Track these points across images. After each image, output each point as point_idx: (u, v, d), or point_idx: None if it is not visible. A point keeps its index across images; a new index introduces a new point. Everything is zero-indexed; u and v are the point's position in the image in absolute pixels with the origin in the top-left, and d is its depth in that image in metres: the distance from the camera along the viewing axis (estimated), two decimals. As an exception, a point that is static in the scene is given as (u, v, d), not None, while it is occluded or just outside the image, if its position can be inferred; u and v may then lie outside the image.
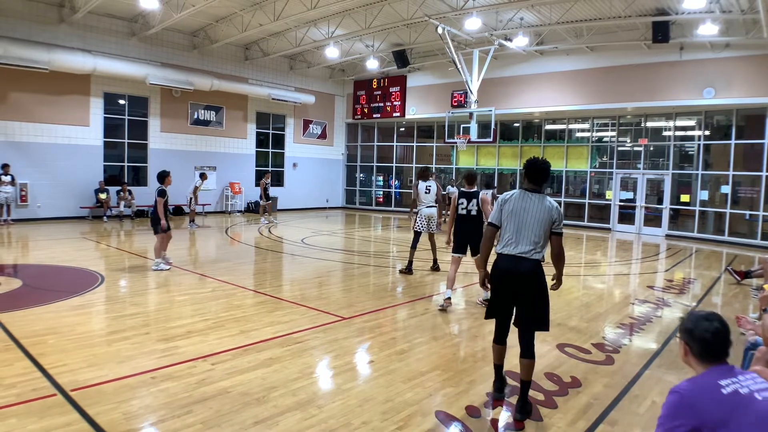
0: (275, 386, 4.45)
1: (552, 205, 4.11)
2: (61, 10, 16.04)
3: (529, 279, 4.03)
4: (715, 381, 2.13)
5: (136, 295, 7.80)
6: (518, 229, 4.09)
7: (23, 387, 4.23)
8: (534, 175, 4.21)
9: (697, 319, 2.31)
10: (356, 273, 10.00)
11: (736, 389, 2.10)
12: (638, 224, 18.73)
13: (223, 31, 18.44)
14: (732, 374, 2.16)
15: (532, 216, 4.07)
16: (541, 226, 4.05)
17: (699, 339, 2.26)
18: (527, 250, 4.04)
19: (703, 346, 2.25)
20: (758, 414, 2.03)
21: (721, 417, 2.04)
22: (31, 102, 16.02)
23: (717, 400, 2.07)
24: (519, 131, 21.71)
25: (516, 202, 4.15)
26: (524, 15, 16.03)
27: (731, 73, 15.57)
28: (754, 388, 2.10)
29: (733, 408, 2.05)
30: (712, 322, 2.27)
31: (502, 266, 4.13)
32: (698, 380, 2.19)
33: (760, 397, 2.08)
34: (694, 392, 2.14)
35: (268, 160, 23.49)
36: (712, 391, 2.11)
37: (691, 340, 2.29)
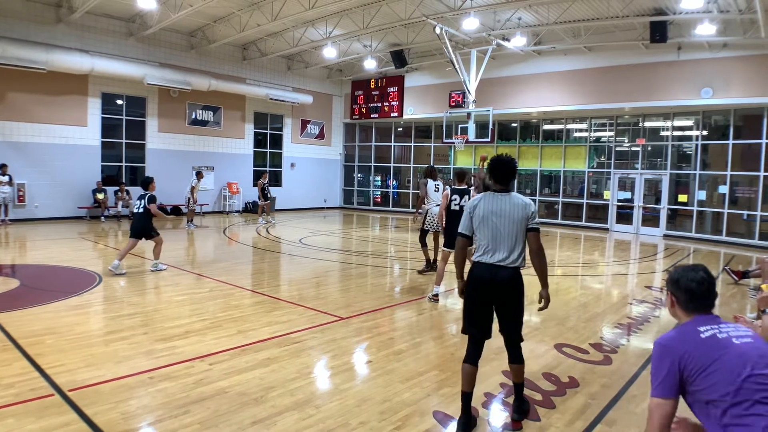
0: (273, 386, 4.45)
1: (524, 201, 3.88)
2: (59, 10, 16.02)
3: (507, 287, 3.83)
4: (695, 327, 2.21)
5: (134, 296, 7.79)
6: (493, 236, 3.84)
7: (21, 387, 4.23)
8: (501, 175, 3.93)
9: (683, 270, 2.38)
10: (354, 273, 10.00)
11: (714, 334, 2.16)
12: (636, 224, 18.76)
13: (221, 32, 18.42)
14: (714, 322, 2.24)
15: (505, 218, 3.82)
16: (516, 227, 3.82)
17: (684, 289, 2.32)
18: (505, 257, 3.82)
19: (689, 296, 2.31)
20: (736, 353, 2.07)
21: (700, 360, 2.10)
22: (29, 102, 15.99)
23: (695, 343, 2.15)
24: (517, 131, 21.74)
25: (485, 206, 3.89)
26: (522, 15, 16.04)
27: (729, 73, 15.59)
28: (733, 334, 2.15)
29: (711, 349, 2.11)
30: (697, 272, 2.34)
31: (479, 276, 3.89)
32: (679, 329, 2.25)
33: (738, 341, 2.12)
34: (675, 339, 2.22)
35: (266, 160, 23.48)
36: (691, 335, 2.18)
37: (677, 290, 2.36)
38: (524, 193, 21.51)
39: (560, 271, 10.99)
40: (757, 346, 2.13)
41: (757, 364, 2.05)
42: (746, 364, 2.04)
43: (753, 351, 2.09)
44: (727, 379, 2.04)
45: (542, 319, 6.95)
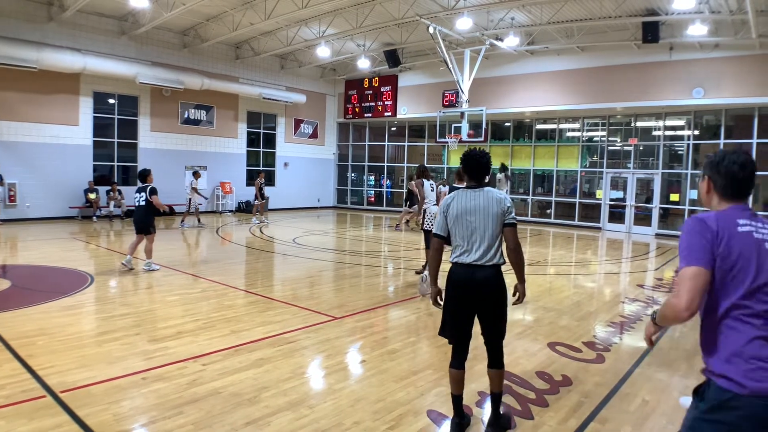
0: (267, 386, 4.44)
1: (498, 195, 3.70)
2: (50, 9, 15.91)
3: (488, 288, 3.65)
4: (734, 218, 2.07)
5: (126, 296, 7.75)
6: (469, 234, 3.67)
7: (12, 389, 4.20)
8: (473, 170, 3.77)
9: (725, 153, 2.22)
10: (348, 273, 9.99)
11: (751, 231, 2.04)
12: (628, 223, 18.84)
13: (214, 30, 18.36)
14: (752, 218, 2.10)
15: (480, 215, 3.64)
16: (493, 223, 3.63)
17: (725, 172, 2.17)
18: (482, 256, 3.63)
19: (729, 179, 2.16)
20: (763, 258, 2.00)
21: (729, 250, 2.00)
22: (20, 101, 15.88)
23: (731, 232, 2.03)
24: (510, 131, 21.78)
25: (459, 204, 3.72)
26: (515, 15, 16.08)
27: (720, 74, 15.70)
28: None
29: (742, 245, 2.01)
30: (740, 155, 2.19)
31: (456, 277, 3.73)
32: (717, 213, 2.12)
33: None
34: (714, 218, 2.08)
35: (259, 159, 23.42)
36: (730, 222, 2.05)
37: (716, 174, 2.21)
38: (517, 192, 21.58)
39: (553, 270, 11.02)
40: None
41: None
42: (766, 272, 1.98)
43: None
44: (742, 281, 1.98)
45: (535, 317, 6.97)
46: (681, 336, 6.47)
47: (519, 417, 4.04)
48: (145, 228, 9.44)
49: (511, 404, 4.26)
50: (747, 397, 1.87)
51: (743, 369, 1.90)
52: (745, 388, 1.88)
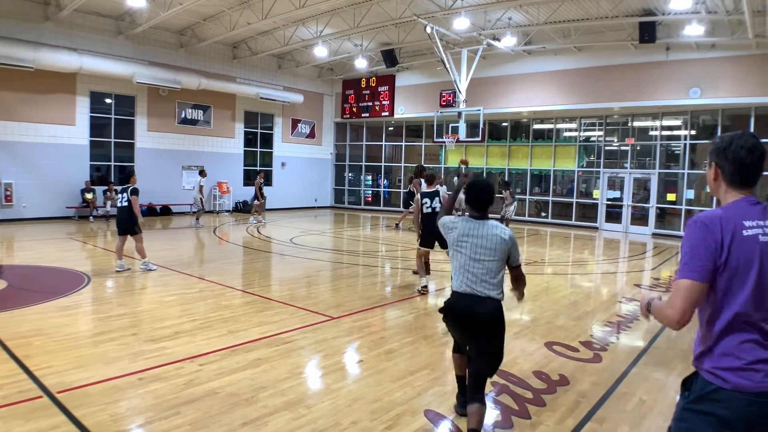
0: (264, 386, 4.43)
1: (502, 234, 3.56)
2: (47, 8, 15.86)
3: (487, 322, 3.52)
4: (741, 218, 1.99)
5: (123, 296, 7.74)
6: (469, 265, 3.56)
7: (9, 389, 4.19)
8: (478, 202, 3.68)
9: (731, 138, 2.09)
10: (345, 273, 9.99)
11: (756, 234, 1.97)
12: (625, 223, 18.87)
13: (211, 30, 18.33)
14: (762, 213, 2.02)
15: (481, 249, 3.54)
16: (493, 258, 3.53)
17: (733, 158, 2.06)
18: (485, 289, 3.52)
19: (738, 165, 2.05)
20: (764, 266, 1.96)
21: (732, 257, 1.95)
22: (16, 101, 15.83)
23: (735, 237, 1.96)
24: (507, 131, 21.81)
25: (462, 231, 3.62)
26: (512, 15, 16.09)
27: (717, 74, 15.73)
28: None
29: (746, 252, 1.95)
30: (747, 139, 2.06)
31: (456, 307, 3.62)
32: (725, 212, 2.04)
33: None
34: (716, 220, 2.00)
35: (257, 159, 23.40)
36: (735, 225, 1.97)
37: (723, 160, 2.09)
38: (515, 192, 21.61)
39: (550, 269, 11.04)
40: None
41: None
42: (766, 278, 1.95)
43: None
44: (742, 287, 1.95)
45: (532, 317, 6.98)
46: (678, 336, 6.48)
47: (516, 417, 4.05)
48: (130, 229, 9.36)
49: (508, 404, 4.27)
50: (729, 392, 1.91)
51: (730, 366, 1.93)
52: (727, 382, 1.92)
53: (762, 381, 1.90)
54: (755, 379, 1.90)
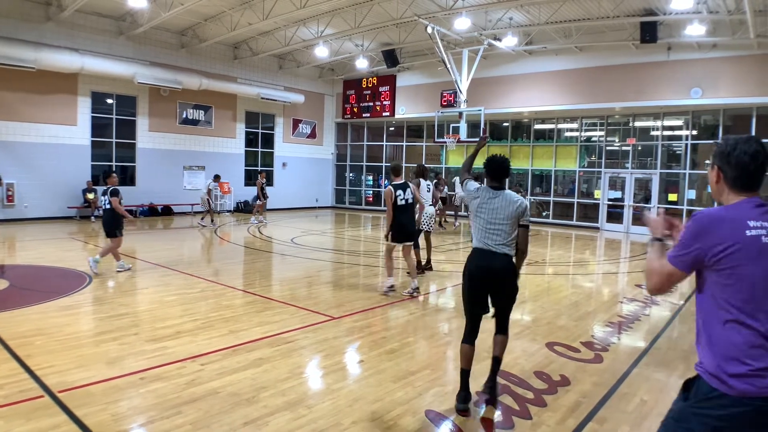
0: (265, 386, 4.44)
1: (515, 198, 4.27)
2: (48, 9, 15.89)
3: (502, 273, 4.19)
4: (745, 219, 1.99)
5: (125, 296, 7.75)
6: (487, 227, 4.23)
7: (10, 389, 4.20)
8: (495, 172, 4.37)
9: (735, 142, 2.09)
10: (346, 273, 9.99)
11: (760, 235, 1.96)
12: (626, 223, 18.86)
13: (212, 30, 18.35)
14: (764, 216, 2.01)
15: (498, 213, 4.21)
16: (508, 221, 4.20)
17: (736, 163, 2.06)
18: (497, 246, 4.18)
19: (740, 171, 2.06)
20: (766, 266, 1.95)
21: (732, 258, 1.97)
22: (18, 101, 15.85)
23: (734, 238, 1.97)
24: (508, 131, 21.81)
25: (482, 199, 4.31)
26: (513, 15, 16.09)
27: (718, 74, 15.72)
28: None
29: (747, 253, 1.96)
30: (751, 144, 2.06)
31: (476, 263, 4.26)
32: (728, 209, 2.06)
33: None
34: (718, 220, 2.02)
35: (258, 159, 23.42)
36: (735, 226, 1.98)
37: (726, 165, 2.09)
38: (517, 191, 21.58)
39: (551, 270, 11.03)
40: None
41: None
42: None
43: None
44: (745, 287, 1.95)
45: (533, 317, 6.97)
46: (679, 336, 6.49)
47: (517, 417, 4.04)
48: (111, 231, 9.22)
49: (509, 404, 4.27)
50: (734, 398, 1.90)
51: (735, 372, 1.91)
52: (733, 389, 1.91)
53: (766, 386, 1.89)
54: (760, 384, 1.89)
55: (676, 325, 7.00)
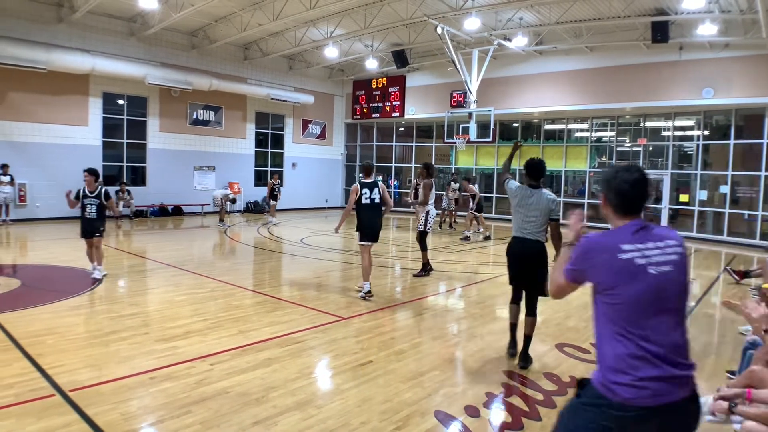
0: (274, 386, 4.44)
1: (549, 195, 5.18)
2: (60, 10, 16.02)
3: (536, 257, 5.16)
4: (619, 244, 2.16)
5: (135, 296, 7.79)
6: (525, 219, 5.19)
7: (22, 387, 4.23)
8: (532, 173, 5.25)
9: (617, 170, 2.29)
10: (355, 273, 9.98)
11: (633, 258, 2.13)
12: (637, 224, 18.69)
13: (222, 31, 18.43)
14: (641, 238, 2.18)
15: (534, 208, 5.14)
16: (542, 215, 5.13)
17: (616, 189, 2.26)
18: (532, 234, 5.16)
19: (620, 197, 2.25)
20: (643, 285, 2.11)
21: (609, 280, 2.15)
22: (30, 102, 15.99)
23: (610, 263, 2.15)
24: (518, 131, 21.72)
25: (522, 195, 5.23)
26: (523, 15, 16.03)
27: (730, 73, 15.57)
28: (654, 260, 2.14)
29: (621, 275, 2.13)
30: (632, 173, 2.25)
31: (514, 247, 5.32)
32: (607, 235, 2.23)
33: (655, 271, 2.13)
34: (599, 247, 2.21)
35: (268, 160, 23.49)
36: (610, 251, 2.16)
37: (608, 191, 2.29)
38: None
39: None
40: (671, 279, 2.16)
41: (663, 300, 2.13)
42: (648, 295, 2.11)
43: (663, 283, 2.13)
44: (626, 304, 2.12)
45: (543, 319, 6.93)
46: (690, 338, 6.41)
47: (527, 418, 4.02)
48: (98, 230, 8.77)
49: (518, 405, 4.25)
50: (617, 403, 2.06)
51: (619, 381, 2.07)
52: (616, 395, 2.06)
53: (648, 397, 2.03)
54: (642, 395, 2.03)
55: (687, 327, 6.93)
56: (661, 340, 2.10)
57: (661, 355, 2.08)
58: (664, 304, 2.14)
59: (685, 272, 2.22)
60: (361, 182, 8.17)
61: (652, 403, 2.03)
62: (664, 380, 2.06)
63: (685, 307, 2.24)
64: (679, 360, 2.12)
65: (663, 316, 2.13)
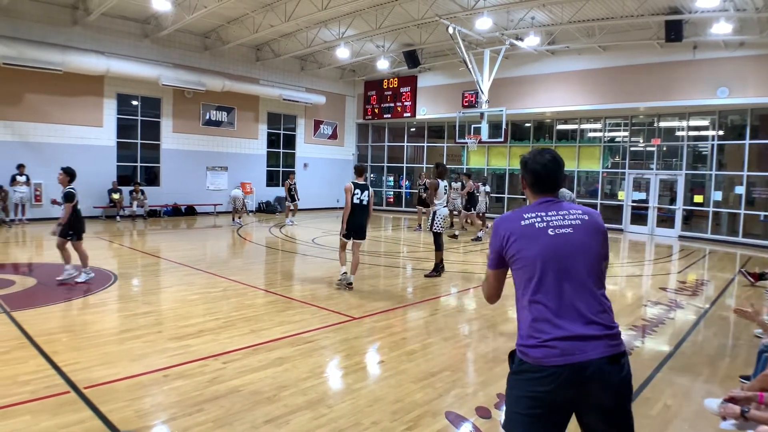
0: (286, 385, 4.46)
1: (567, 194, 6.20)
2: (75, 12, 16.20)
3: None
4: (522, 213, 2.36)
5: (149, 294, 7.86)
6: None
7: (37, 384, 4.28)
8: None
9: (532, 154, 2.51)
10: (366, 273, 10.00)
11: (533, 222, 2.32)
12: (651, 225, 18.59)
13: (235, 33, 18.53)
14: (545, 209, 2.36)
15: None
16: None
17: (531, 170, 2.46)
18: None
19: (534, 177, 2.45)
20: (540, 246, 2.26)
21: (514, 244, 2.30)
22: (46, 103, 16.19)
23: (514, 228, 2.33)
24: (530, 131, 21.61)
25: None
26: (535, 14, 15.96)
27: (746, 73, 15.39)
28: (554, 224, 2.30)
29: (521, 237, 2.30)
30: (544, 156, 2.47)
31: None
32: (514, 211, 2.42)
33: (552, 232, 2.28)
34: (504, 221, 2.40)
35: (279, 160, 23.58)
36: (514, 220, 2.35)
37: (525, 172, 2.49)
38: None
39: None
40: (571, 241, 2.27)
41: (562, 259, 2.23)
42: (547, 256, 2.24)
43: (562, 244, 2.26)
44: (528, 267, 2.26)
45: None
46: (704, 340, 6.38)
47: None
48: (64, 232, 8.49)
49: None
50: (533, 365, 2.18)
51: (529, 344, 2.20)
52: (529, 357, 2.20)
53: (557, 356, 2.13)
54: (550, 354, 2.14)
55: (702, 329, 6.88)
56: (565, 303, 2.19)
57: (565, 316, 2.17)
58: (565, 264, 2.23)
59: (589, 235, 2.31)
60: (353, 183, 8.47)
61: (562, 362, 2.11)
62: (570, 339, 2.13)
63: (594, 269, 2.29)
64: (590, 319, 2.18)
65: (566, 278, 2.22)
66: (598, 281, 2.30)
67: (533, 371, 2.17)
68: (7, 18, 14.99)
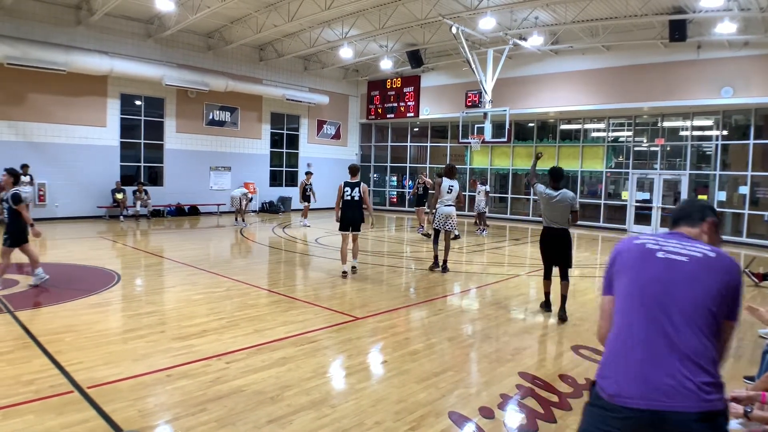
0: (289, 385, 4.46)
1: (569, 194, 6.91)
2: (79, 13, 16.23)
3: (563, 240, 6.99)
4: (639, 237, 2.28)
5: (152, 294, 7.87)
6: (552, 213, 6.94)
7: (41, 384, 4.29)
8: (555, 177, 6.98)
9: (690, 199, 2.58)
10: (370, 273, 10.00)
11: (645, 243, 2.22)
12: (655, 225, 18.54)
13: (238, 33, 18.55)
14: (666, 237, 2.25)
15: (559, 204, 6.87)
16: (566, 209, 6.89)
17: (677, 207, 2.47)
18: (560, 225, 6.96)
19: (673, 213, 2.45)
20: (646, 265, 2.14)
21: (623, 262, 2.23)
22: (49, 103, 16.23)
23: (623, 250, 2.27)
24: (534, 131, 21.59)
25: (549, 197, 6.92)
26: (539, 14, 15.93)
27: (750, 72, 15.34)
28: (667, 248, 2.16)
29: (631, 255, 2.22)
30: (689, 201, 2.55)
31: (545, 235, 7.11)
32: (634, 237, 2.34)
33: (663, 255, 2.13)
34: (619, 245, 2.34)
35: (283, 160, 23.59)
36: (628, 242, 2.29)
37: None
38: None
39: (578, 272, 10.88)
40: (685, 270, 2.05)
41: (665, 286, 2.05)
42: (648, 279, 2.10)
43: (667, 270, 2.08)
44: (628, 282, 2.15)
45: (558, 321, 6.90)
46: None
47: (542, 420, 4.00)
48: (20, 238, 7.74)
49: (533, 407, 4.23)
50: (607, 403, 2.01)
51: (604, 375, 2.09)
52: (604, 392, 2.04)
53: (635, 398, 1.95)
54: (627, 393, 1.98)
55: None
56: (653, 339, 1.97)
57: (648, 353, 1.96)
58: (667, 295, 2.01)
59: (709, 274, 2.01)
60: (345, 182, 9.49)
61: (639, 406, 1.89)
62: (649, 383, 1.91)
63: (701, 312, 1.97)
64: (676, 366, 1.90)
65: (664, 310, 1.98)
66: (701, 324, 1.98)
67: (607, 409, 2.02)
68: (11, 18, 15.04)
